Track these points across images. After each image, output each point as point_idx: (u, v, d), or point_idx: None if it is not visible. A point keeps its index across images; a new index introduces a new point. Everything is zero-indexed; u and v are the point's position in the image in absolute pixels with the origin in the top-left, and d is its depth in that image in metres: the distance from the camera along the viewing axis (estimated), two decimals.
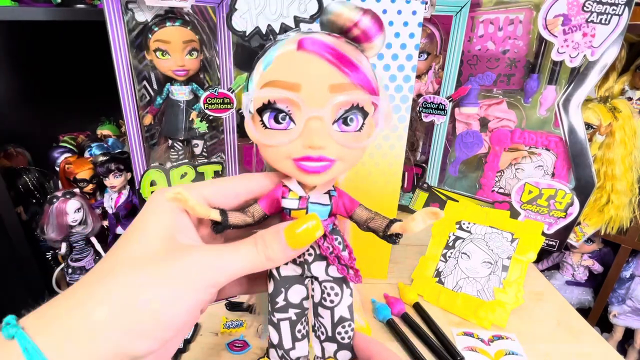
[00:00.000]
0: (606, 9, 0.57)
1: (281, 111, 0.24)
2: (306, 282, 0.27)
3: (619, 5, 0.56)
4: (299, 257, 0.26)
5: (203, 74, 0.67)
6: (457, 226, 0.66)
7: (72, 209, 0.70)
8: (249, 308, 0.56)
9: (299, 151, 0.24)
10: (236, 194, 0.26)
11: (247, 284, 0.29)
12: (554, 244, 0.71)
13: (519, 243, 0.62)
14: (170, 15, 0.60)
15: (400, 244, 0.25)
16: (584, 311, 0.96)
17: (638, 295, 0.91)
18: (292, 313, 0.26)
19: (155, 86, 0.66)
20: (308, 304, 0.27)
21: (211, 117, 0.66)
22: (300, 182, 0.26)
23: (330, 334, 0.27)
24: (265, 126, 0.24)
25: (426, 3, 0.53)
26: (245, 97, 0.24)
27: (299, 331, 0.27)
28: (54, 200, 0.69)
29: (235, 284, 0.28)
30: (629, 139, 0.74)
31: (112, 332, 0.19)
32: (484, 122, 0.75)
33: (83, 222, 0.73)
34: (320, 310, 0.27)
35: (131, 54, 0.59)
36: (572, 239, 0.88)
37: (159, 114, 0.67)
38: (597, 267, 0.97)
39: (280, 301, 0.26)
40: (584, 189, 0.65)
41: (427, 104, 0.76)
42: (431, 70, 0.79)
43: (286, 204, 0.25)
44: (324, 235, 0.25)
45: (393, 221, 0.25)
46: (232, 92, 0.63)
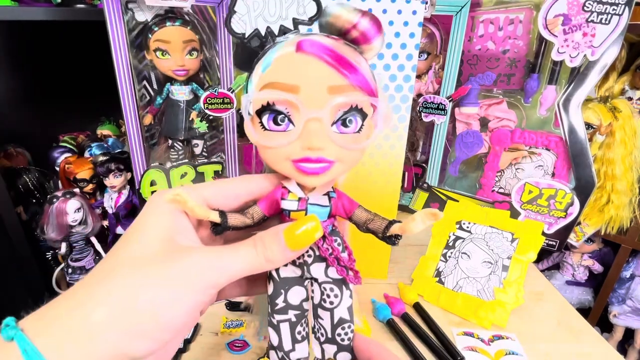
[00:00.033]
0: (606, 8, 0.57)
1: (280, 113, 0.24)
2: (306, 283, 0.27)
3: (619, 5, 0.56)
4: (298, 258, 0.26)
5: (203, 73, 0.67)
6: (457, 226, 0.66)
7: (72, 208, 0.70)
8: (247, 308, 0.57)
9: (298, 152, 0.24)
10: (236, 196, 0.26)
11: (246, 286, 0.29)
12: (554, 243, 0.71)
13: (519, 243, 0.62)
14: (170, 15, 0.60)
15: (400, 244, 0.25)
16: (584, 311, 0.96)
17: (638, 295, 0.91)
18: (291, 314, 0.26)
19: (155, 86, 0.66)
20: (308, 305, 0.27)
21: (211, 117, 0.67)
22: (300, 184, 0.26)
23: (330, 335, 0.27)
24: (264, 128, 0.24)
25: (426, 3, 0.53)
26: (245, 99, 0.24)
27: (298, 333, 0.27)
28: (54, 200, 0.69)
29: (235, 285, 0.28)
30: (629, 139, 0.74)
31: (112, 333, 0.19)
32: (484, 122, 0.75)
33: (83, 222, 0.73)
34: (320, 312, 0.27)
35: (131, 54, 0.59)
36: (572, 239, 0.88)
37: (159, 114, 0.67)
38: (597, 267, 0.97)
39: (280, 303, 0.26)
40: (584, 189, 0.65)
41: (427, 103, 0.76)
42: (431, 70, 0.79)
43: (285, 205, 0.25)
44: (323, 236, 0.25)
45: (392, 222, 0.25)
46: (232, 92, 0.63)
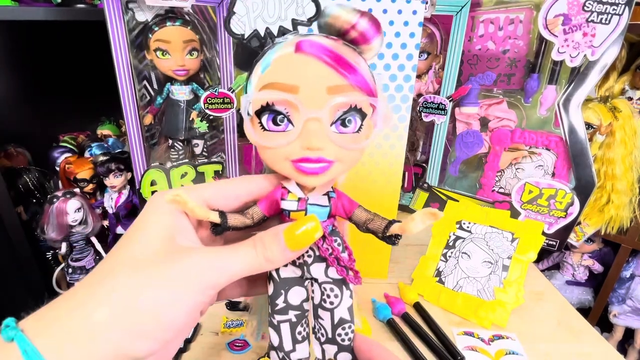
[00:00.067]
0: (606, 8, 0.57)
1: (279, 113, 0.24)
2: (306, 283, 0.27)
3: (619, 5, 0.56)
4: (298, 258, 0.26)
5: (203, 73, 0.67)
6: (458, 226, 0.66)
7: (72, 208, 0.70)
8: (246, 307, 0.57)
9: (297, 153, 0.24)
10: (236, 196, 0.26)
11: (247, 286, 0.29)
12: (554, 243, 0.71)
13: (519, 243, 0.62)
14: (170, 15, 0.60)
15: (400, 243, 0.25)
16: (584, 311, 0.96)
17: (638, 295, 0.91)
18: (292, 315, 0.26)
19: (155, 86, 0.66)
20: (308, 305, 0.27)
21: (211, 117, 0.67)
22: (299, 184, 0.26)
23: (330, 335, 0.27)
24: (263, 128, 0.24)
25: (426, 3, 0.53)
26: (244, 100, 0.24)
27: (299, 333, 0.27)
28: (54, 200, 0.69)
29: (235, 285, 0.28)
30: (629, 139, 0.74)
31: (113, 332, 0.19)
32: (484, 121, 0.75)
33: (83, 222, 0.73)
34: (320, 312, 0.27)
35: (131, 54, 0.59)
36: (572, 239, 0.88)
37: (159, 114, 0.67)
38: (597, 267, 0.97)
39: (280, 303, 0.26)
40: (584, 189, 0.65)
41: (428, 103, 0.76)
42: (431, 70, 0.79)
43: (285, 205, 0.25)
44: (323, 236, 0.25)
45: (392, 222, 0.25)
46: (232, 92, 0.63)
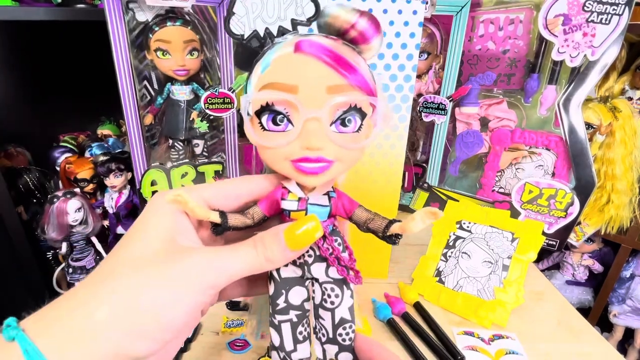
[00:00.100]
0: (606, 8, 0.57)
1: (279, 113, 0.24)
2: (307, 283, 0.27)
3: (619, 5, 0.56)
4: (299, 258, 0.26)
5: (204, 73, 0.67)
6: (458, 226, 0.66)
7: (72, 208, 0.70)
8: (246, 307, 0.57)
9: (297, 152, 0.24)
10: (236, 196, 0.26)
11: (247, 286, 0.29)
12: (554, 243, 0.71)
13: (519, 243, 0.62)
14: (170, 15, 0.60)
15: (400, 243, 0.25)
16: (584, 311, 0.96)
17: (638, 294, 0.91)
18: (293, 315, 0.26)
19: (155, 86, 0.66)
20: (309, 305, 0.27)
21: (212, 117, 0.67)
22: (300, 184, 0.26)
23: (331, 335, 0.27)
24: (263, 128, 0.24)
25: (427, 3, 0.53)
26: (244, 100, 0.24)
27: (300, 333, 0.27)
28: (55, 200, 0.69)
29: (236, 285, 0.28)
30: (629, 139, 0.74)
31: (113, 332, 0.19)
32: (484, 121, 0.75)
33: (83, 222, 0.73)
34: (321, 312, 0.27)
35: (132, 54, 0.59)
36: (572, 239, 0.88)
37: (159, 114, 0.67)
38: (597, 267, 0.97)
39: (281, 303, 0.26)
40: (584, 189, 0.65)
41: (428, 103, 0.76)
42: (431, 70, 0.79)
43: (285, 205, 0.25)
44: (323, 236, 0.25)
45: (392, 222, 0.25)
46: (232, 92, 0.63)
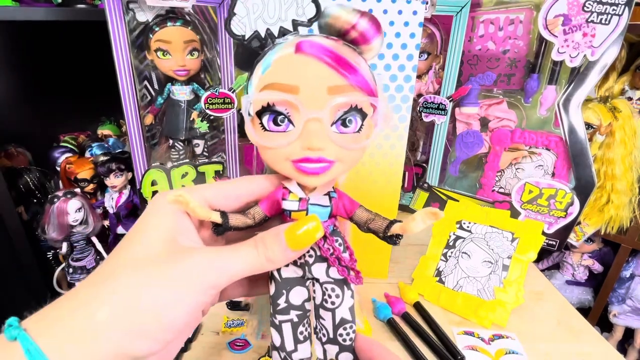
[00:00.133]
0: (606, 9, 0.57)
1: (280, 113, 0.24)
2: (307, 283, 0.27)
3: (619, 5, 0.56)
4: (299, 258, 0.26)
5: (204, 73, 0.67)
6: (458, 226, 0.67)
7: (73, 208, 0.70)
8: (247, 307, 0.57)
9: (298, 153, 0.24)
10: (237, 196, 0.26)
11: (248, 286, 0.29)
12: (554, 243, 0.71)
13: (519, 242, 0.62)
14: (171, 15, 0.60)
15: (400, 243, 0.25)
16: (584, 311, 0.96)
17: (638, 294, 0.91)
18: (293, 315, 0.26)
19: (156, 86, 0.66)
20: (310, 305, 0.28)
21: (212, 117, 0.67)
22: (300, 184, 0.26)
23: (331, 335, 0.27)
24: (264, 128, 0.24)
25: (427, 3, 0.53)
26: (245, 100, 0.24)
27: (300, 333, 0.27)
28: (55, 200, 0.69)
29: (237, 285, 0.28)
30: (629, 139, 0.74)
31: (114, 332, 0.19)
32: (484, 122, 0.75)
33: (84, 222, 0.73)
34: (322, 312, 0.27)
35: (132, 54, 0.59)
36: (572, 239, 0.88)
37: (159, 114, 0.67)
38: (597, 267, 0.97)
39: (282, 303, 0.26)
40: (584, 189, 0.66)
41: (428, 103, 0.76)
42: (431, 70, 0.79)
43: (286, 205, 0.26)
44: (324, 236, 0.25)
45: (393, 222, 0.25)
46: (232, 92, 0.63)
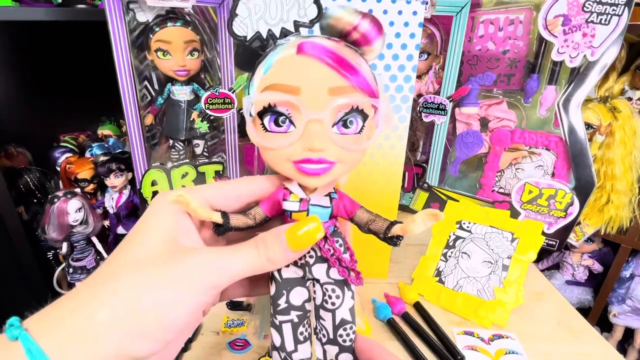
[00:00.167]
0: (606, 9, 0.57)
1: (281, 114, 0.24)
2: (308, 284, 0.27)
3: (619, 6, 0.56)
4: (300, 259, 0.26)
5: (204, 74, 0.67)
6: (458, 226, 0.67)
7: (73, 208, 0.70)
8: (248, 307, 0.57)
9: (299, 154, 0.24)
10: (238, 197, 0.26)
11: (249, 286, 0.29)
12: (554, 243, 0.71)
13: (519, 243, 0.62)
14: (171, 15, 0.60)
15: (400, 243, 0.25)
16: (584, 311, 0.96)
17: (638, 294, 0.91)
18: (294, 315, 0.26)
19: (156, 86, 0.66)
20: (310, 306, 0.28)
21: (212, 117, 0.67)
22: (301, 185, 0.26)
23: (332, 336, 0.27)
24: (265, 129, 0.24)
25: (427, 3, 0.53)
26: (246, 101, 0.25)
27: (301, 333, 0.27)
28: (55, 200, 0.69)
29: (238, 286, 0.28)
30: (629, 139, 0.74)
31: (114, 333, 0.19)
32: (484, 122, 0.75)
33: (84, 222, 0.73)
34: (322, 313, 0.27)
35: (132, 54, 0.59)
36: (572, 239, 0.88)
37: (160, 114, 0.67)
38: (597, 267, 0.97)
39: (282, 303, 0.26)
40: (584, 189, 0.66)
41: (428, 104, 0.76)
42: (431, 71, 0.79)
43: (287, 206, 0.26)
44: (324, 237, 0.25)
45: (394, 223, 0.25)
46: (233, 92, 0.63)
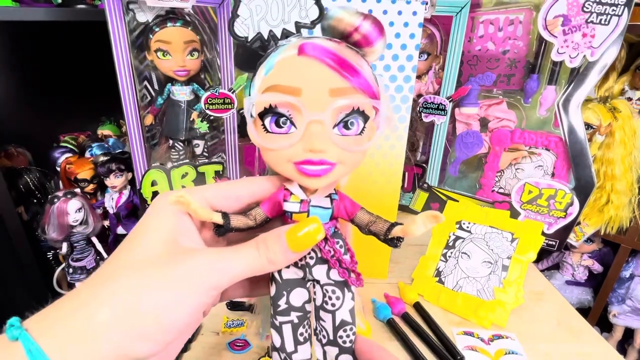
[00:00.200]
0: (606, 9, 0.57)
1: (282, 115, 0.24)
2: (308, 285, 0.27)
3: (619, 6, 0.56)
4: (300, 260, 0.26)
5: (204, 74, 0.67)
6: (457, 226, 0.67)
7: (73, 209, 0.70)
8: (250, 307, 0.57)
9: (299, 155, 0.24)
10: (238, 197, 0.26)
11: (249, 287, 0.29)
12: (553, 243, 0.71)
13: (519, 243, 0.62)
14: (171, 15, 0.60)
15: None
16: (583, 311, 0.96)
17: (638, 295, 0.92)
18: (294, 316, 0.26)
19: (156, 86, 0.66)
20: (310, 307, 0.28)
21: (212, 117, 0.67)
22: (302, 186, 0.26)
23: (331, 337, 0.27)
24: (266, 130, 0.24)
25: (426, 3, 0.53)
26: (247, 102, 0.25)
27: (301, 334, 0.27)
28: (55, 200, 0.69)
29: (238, 286, 0.28)
30: (629, 139, 0.74)
31: (114, 333, 0.20)
32: (484, 122, 0.75)
33: (84, 222, 0.73)
34: (322, 314, 0.27)
35: (132, 54, 0.59)
36: (572, 239, 0.88)
37: (159, 114, 0.67)
38: (597, 267, 0.97)
39: (282, 304, 0.26)
40: (583, 189, 0.66)
41: (428, 104, 0.76)
42: (431, 71, 0.79)
43: (288, 207, 0.26)
44: (325, 238, 0.25)
45: (394, 224, 0.25)
46: (232, 92, 0.63)
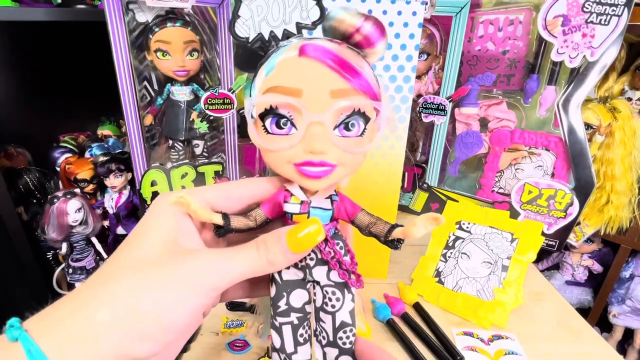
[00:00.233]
0: (605, 9, 0.57)
1: (283, 116, 0.24)
2: (308, 286, 0.27)
3: (619, 6, 0.56)
4: (300, 261, 0.26)
5: (203, 74, 0.67)
6: (457, 226, 0.67)
7: (72, 209, 0.70)
8: (251, 308, 0.57)
9: (300, 156, 0.24)
10: (238, 198, 0.26)
11: (249, 288, 0.29)
12: (553, 244, 0.71)
13: (518, 243, 0.62)
14: (170, 15, 0.60)
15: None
16: (583, 311, 0.97)
17: (637, 295, 0.92)
18: (294, 317, 0.26)
19: (155, 86, 0.66)
20: (310, 308, 0.28)
21: (211, 118, 0.67)
22: (302, 187, 0.26)
23: (331, 339, 0.27)
24: (267, 131, 0.24)
25: (426, 4, 0.53)
26: (248, 102, 0.25)
27: (301, 335, 0.27)
28: (55, 200, 0.69)
29: (238, 287, 0.28)
30: (629, 139, 0.74)
31: (114, 334, 0.20)
32: (483, 122, 0.75)
33: (84, 222, 0.73)
34: (322, 315, 0.27)
35: (132, 55, 0.59)
36: (571, 239, 0.88)
37: (159, 114, 0.67)
38: (597, 267, 0.97)
39: (282, 305, 0.26)
40: (583, 189, 0.66)
41: (427, 104, 0.76)
42: (431, 71, 0.79)
43: (288, 208, 0.26)
44: (325, 239, 0.25)
45: (394, 226, 0.25)
46: (232, 93, 0.63)
